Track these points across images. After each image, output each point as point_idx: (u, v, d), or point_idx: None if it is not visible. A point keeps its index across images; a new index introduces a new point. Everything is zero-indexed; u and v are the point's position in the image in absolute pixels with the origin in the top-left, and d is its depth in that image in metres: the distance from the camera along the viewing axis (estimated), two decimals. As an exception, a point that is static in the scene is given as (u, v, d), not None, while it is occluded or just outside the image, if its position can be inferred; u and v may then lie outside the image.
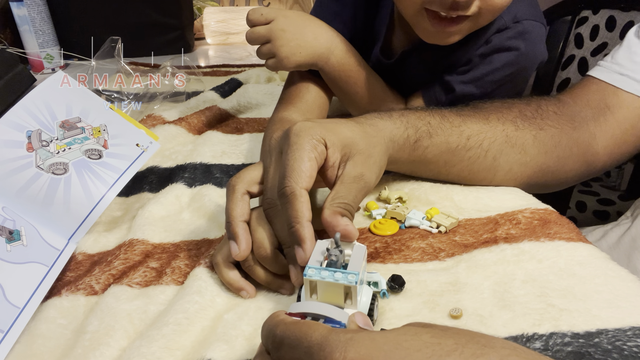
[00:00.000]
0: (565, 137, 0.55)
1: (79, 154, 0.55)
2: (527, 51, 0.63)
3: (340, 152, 0.42)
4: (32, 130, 0.52)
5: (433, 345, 0.23)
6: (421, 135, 0.51)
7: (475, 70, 0.65)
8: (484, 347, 0.23)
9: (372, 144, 0.45)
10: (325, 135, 0.42)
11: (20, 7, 1.17)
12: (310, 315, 0.30)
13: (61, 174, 0.52)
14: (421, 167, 0.54)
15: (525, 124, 0.55)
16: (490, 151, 0.53)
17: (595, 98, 0.58)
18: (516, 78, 0.65)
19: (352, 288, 0.32)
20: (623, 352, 0.33)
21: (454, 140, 0.52)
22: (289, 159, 0.40)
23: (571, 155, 0.56)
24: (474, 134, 0.53)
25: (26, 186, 0.49)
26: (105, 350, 0.36)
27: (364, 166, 0.43)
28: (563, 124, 0.56)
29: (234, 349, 0.35)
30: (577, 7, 0.98)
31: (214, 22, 1.54)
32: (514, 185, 0.56)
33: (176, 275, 0.44)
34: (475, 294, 0.39)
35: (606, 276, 0.40)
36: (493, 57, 0.64)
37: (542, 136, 0.55)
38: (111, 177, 0.56)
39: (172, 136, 0.74)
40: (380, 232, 0.49)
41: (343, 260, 0.34)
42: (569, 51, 1.00)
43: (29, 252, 0.43)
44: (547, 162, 0.55)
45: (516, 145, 0.54)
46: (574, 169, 0.57)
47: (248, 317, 0.39)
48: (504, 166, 0.54)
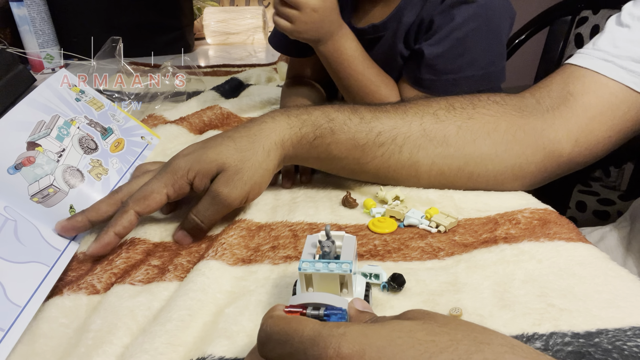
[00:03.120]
0: (505, 123, 0.53)
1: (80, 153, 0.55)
2: (486, 2, 0.64)
3: (209, 178, 0.48)
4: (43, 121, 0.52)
5: (427, 343, 0.23)
6: (322, 133, 0.51)
7: (440, 31, 0.66)
8: (480, 343, 0.23)
9: (243, 159, 0.48)
10: (192, 169, 0.48)
11: (20, 7, 1.17)
12: (311, 305, 0.30)
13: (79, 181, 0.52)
14: (332, 164, 0.54)
15: (449, 115, 0.53)
16: (406, 146, 0.52)
17: (558, 88, 0.56)
18: (485, 34, 0.65)
19: (347, 276, 0.33)
20: (623, 352, 0.33)
21: (362, 136, 0.52)
22: (146, 186, 0.48)
23: (515, 141, 0.53)
24: (386, 130, 0.52)
25: (30, 189, 0.49)
26: (108, 348, 0.36)
27: (224, 184, 0.48)
28: (504, 112, 0.54)
29: (235, 344, 0.36)
30: (577, 7, 0.98)
31: (214, 22, 1.55)
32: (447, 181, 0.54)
33: (179, 271, 0.45)
34: (475, 294, 0.39)
35: (606, 276, 0.40)
36: (452, 12, 0.65)
37: (469, 125, 0.53)
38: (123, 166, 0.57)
39: (173, 136, 0.74)
40: (379, 230, 0.49)
41: (335, 252, 0.35)
42: (569, 51, 1.00)
43: (30, 252, 0.43)
44: (480, 149, 0.53)
45: (435, 138, 0.53)
46: (527, 155, 0.54)
47: (249, 311, 0.39)
48: (424, 161, 0.53)
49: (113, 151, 0.57)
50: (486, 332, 0.24)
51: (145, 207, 0.47)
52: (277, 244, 0.48)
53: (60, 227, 0.48)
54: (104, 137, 0.57)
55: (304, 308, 0.30)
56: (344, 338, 0.24)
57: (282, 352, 0.26)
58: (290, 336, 0.25)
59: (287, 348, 0.25)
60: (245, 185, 0.48)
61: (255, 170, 0.49)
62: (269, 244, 0.48)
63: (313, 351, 0.24)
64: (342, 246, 0.35)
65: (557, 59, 1.02)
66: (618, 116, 0.53)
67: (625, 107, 0.53)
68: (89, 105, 0.58)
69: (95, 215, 0.49)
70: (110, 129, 0.58)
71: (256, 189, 0.50)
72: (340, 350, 0.23)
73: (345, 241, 0.35)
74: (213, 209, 0.49)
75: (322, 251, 0.34)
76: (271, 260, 0.46)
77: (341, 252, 0.34)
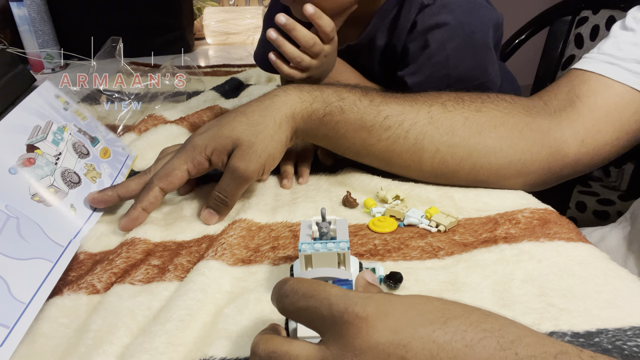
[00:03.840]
0: (512, 119, 0.54)
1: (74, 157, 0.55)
2: (458, 22, 0.60)
3: (225, 154, 0.51)
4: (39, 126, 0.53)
5: (443, 309, 0.26)
6: (331, 110, 0.52)
7: (417, 59, 0.63)
8: (487, 316, 0.26)
9: (255, 133, 0.50)
10: (209, 145, 0.51)
11: (20, 7, 1.17)
12: (319, 279, 0.31)
13: (76, 183, 0.52)
14: (338, 143, 0.55)
15: (458, 107, 0.54)
16: (412, 132, 0.53)
17: (564, 91, 0.56)
18: (469, 49, 0.62)
19: (345, 254, 0.35)
20: (623, 351, 0.33)
21: (370, 118, 0.53)
22: (168, 164, 0.52)
23: (521, 137, 0.53)
24: (393, 114, 0.53)
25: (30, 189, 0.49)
26: (108, 348, 0.36)
27: (240, 159, 0.50)
28: (512, 109, 0.54)
29: (235, 345, 0.36)
30: (577, 7, 0.98)
31: (214, 22, 1.55)
32: (448, 170, 0.54)
33: (179, 271, 0.45)
34: (474, 293, 0.39)
35: (606, 276, 0.40)
36: (426, 39, 0.62)
37: (476, 117, 0.53)
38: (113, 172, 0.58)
39: (173, 136, 0.74)
40: (379, 229, 0.49)
41: (330, 233, 0.37)
42: (569, 51, 1.00)
43: (33, 248, 0.43)
44: (485, 141, 0.53)
45: (442, 127, 0.53)
46: (532, 152, 0.54)
47: (248, 310, 0.39)
48: (428, 148, 0.53)
49: (103, 157, 0.59)
50: (491, 312, 0.27)
51: (169, 184, 0.51)
52: (277, 244, 0.48)
53: (91, 199, 0.53)
54: (93, 144, 0.59)
55: None
56: (371, 299, 0.26)
57: (305, 304, 0.28)
58: (317, 292, 0.28)
59: (312, 302, 0.27)
60: (260, 157, 0.50)
61: (268, 142, 0.51)
62: (268, 245, 0.48)
63: (339, 307, 0.26)
64: (337, 227, 0.37)
65: (557, 59, 1.02)
66: (625, 118, 0.54)
67: (633, 109, 0.54)
68: (75, 115, 0.59)
69: (125, 192, 0.53)
70: (97, 138, 0.60)
71: (270, 161, 0.52)
72: (367, 309, 0.26)
73: (338, 223, 0.37)
74: (233, 183, 0.51)
75: (320, 232, 0.36)
76: (271, 260, 0.46)
77: (337, 232, 0.36)
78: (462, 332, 0.25)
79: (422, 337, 0.25)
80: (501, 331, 0.25)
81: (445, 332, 0.25)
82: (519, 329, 0.25)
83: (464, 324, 0.25)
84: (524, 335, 0.25)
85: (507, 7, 0.69)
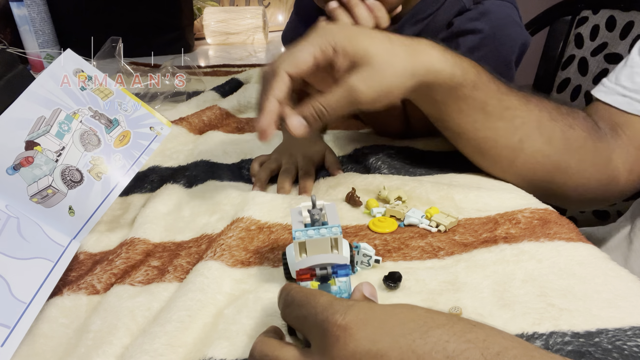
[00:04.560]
0: (590, 143, 0.55)
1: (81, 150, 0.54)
2: (492, 32, 0.61)
3: (349, 60, 0.45)
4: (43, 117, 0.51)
5: (425, 318, 0.26)
6: (466, 82, 0.49)
7: None
8: (473, 326, 0.25)
9: (390, 63, 0.45)
10: (340, 41, 0.44)
11: (20, 7, 1.17)
12: (318, 266, 0.34)
13: (77, 182, 0.51)
14: (449, 116, 0.52)
15: (559, 118, 0.54)
16: (519, 131, 0.53)
17: (606, 116, 0.58)
18: (493, 62, 0.62)
19: (338, 238, 0.36)
20: (623, 351, 0.33)
21: (493, 103, 0.51)
22: (293, 47, 0.45)
23: (593, 164, 0.55)
24: (512, 107, 0.52)
25: (30, 188, 0.49)
26: (108, 349, 0.36)
27: (363, 81, 0.44)
28: (589, 130, 0.55)
29: (235, 346, 0.36)
30: (577, 7, 0.98)
31: (214, 22, 1.55)
32: (532, 178, 0.55)
33: (178, 272, 0.45)
34: (474, 293, 0.39)
35: (606, 276, 0.40)
36: (458, 41, 0.62)
37: (570, 134, 0.54)
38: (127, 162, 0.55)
39: (173, 136, 0.74)
40: (379, 229, 0.49)
41: (322, 219, 0.38)
42: (569, 51, 1.00)
43: (34, 248, 0.43)
44: (569, 161, 0.54)
45: (544, 134, 0.53)
46: (595, 178, 0.56)
47: (247, 309, 0.39)
48: (527, 151, 0.53)
49: (117, 146, 0.55)
50: (477, 322, 0.26)
51: (295, 67, 0.44)
52: (277, 245, 0.48)
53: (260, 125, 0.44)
54: (109, 130, 0.54)
55: (312, 270, 0.33)
56: (352, 308, 0.26)
57: (299, 314, 0.29)
58: (308, 301, 0.29)
59: (303, 311, 0.29)
60: (382, 89, 0.46)
61: (397, 77, 0.46)
62: (268, 246, 0.48)
63: (322, 316, 0.27)
64: (327, 212, 0.38)
65: (557, 59, 1.02)
66: None
67: None
68: (95, 94, 0.55)
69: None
70: (116, 120, 0.55)
71: (386, 98, 0.47)
72: (346, 316, 0.26)
73: (327, 208, 0.38)
74: (343, 102, 0.45)
75: (312, 219, 0.37)
76: (271, 262, 0.46)
77: (327, 217, 0.37)
78: (444, 342, 0.24)
79: (400, 347, 0.24)
80: (486, 342, 0.24)
81: (425, 342, 0.24)
82: (505, 339, 0.24)
83: (447, 334, 0.24)
84: (511, 346, 0.24)
85: (507, 7, 0.69)
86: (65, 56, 0.54)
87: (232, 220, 0.51)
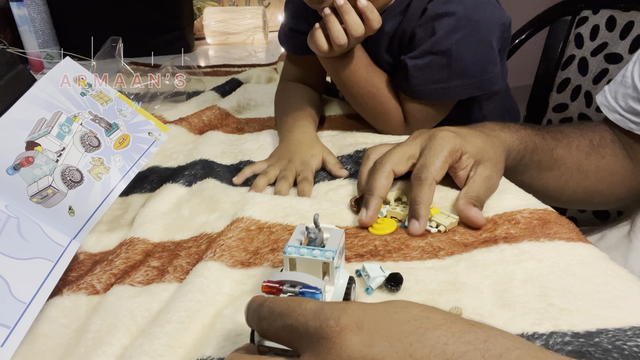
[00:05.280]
0: (619, 165, 0.63)
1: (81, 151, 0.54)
2: (466, 14, 0.63)
3: (473, 158, 0.52)
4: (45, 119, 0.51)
5: (422, 319, 0.24)
6: (526, 152, 0.59)
7: (421, 45, 0.65)
8: (471, 325, 0.24)
9: (499, 153, 0.54)
10: (463, 145, 0.51)
11: (20, 7, 1.17)
12: (287, 283, 0.31)
13: (77, 182, 0.51)
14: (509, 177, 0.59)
15: (592, 153, 0.63)
16: (565, 174, 0.62)
17: (617, 128, 0.63)
18: (472, 44, 0.64)
19: (330, 264, 0.34)
20: (623, 351, 0.33)
21: (546, 160, 0.61)
22: (432, 156, 0.51)
23: (624, 184, 0.63)
24: (559, 158, 0.61)
25: (30, 188, 0.49)
26: (107, 349, 0.36)
27: (492, 170, 0.52)
28: (617, 154, 0.63)
29: (234, 345, 0.36)
30: (577, 7, 0.98)
31: (214, 22, 1.55)
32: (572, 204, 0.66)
33: (178, 273, 0.45)
34: (474, 293, 0.39)
35: (606, 276, 0.40)
36: (433, 25, 0.64)
37: (602, 165, 0.63)
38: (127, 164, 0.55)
39: (173, 136, 0.74)
40: (378, 231, 0.49)
41: (322, 240, 0.36)
42: (569, 51, 1.00)
43: (34, 248, 0.43)
44: (602, 187, 0.64)
45: (583, 172, 0.63)
46: (625, 193, 0.65)
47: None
48: (571, 187, 0.63)
49: (117, 148, 0.56)
50: (477, 322, 0.25)
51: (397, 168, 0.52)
52: (277, 246, 0.48)
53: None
54: (108, 133, 0.55)
55: (280, 284, 0.31)
56: (344, 311, 0.25)
57: (282, 324, 0.26)
58: (292, 309, 0.26)
59: (288, 320, 0.26)
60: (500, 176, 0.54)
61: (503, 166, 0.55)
62: (268, 247, 0.48)
63: (314, 323, 0.25)
64: (329, 236, 0.36)
65: (557, 59, 1.02)
66: None
67: None
68: (95, 99, 0.56)
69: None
70: (116, 124, 0.56)
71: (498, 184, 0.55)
72: (340, 321, 0.24)
73: (333, 233, 0.37)
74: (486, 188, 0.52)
75: (309, 238, 0.35)
76: (271, 263, 0.46)
77: (327, 241, 0.36)
78: (442, 345, 0.23)
79: (397, 351, 0.23)
80: (487, 343, 0.23)
81: (423, 346, 0.23)
82: (507, 340, 0.24)
83: (445, 336, 0.23)
84: (513, 347, 0.23)
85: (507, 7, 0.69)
86: (65, 63, 0.54)
87: (232, 220, 0.51)
